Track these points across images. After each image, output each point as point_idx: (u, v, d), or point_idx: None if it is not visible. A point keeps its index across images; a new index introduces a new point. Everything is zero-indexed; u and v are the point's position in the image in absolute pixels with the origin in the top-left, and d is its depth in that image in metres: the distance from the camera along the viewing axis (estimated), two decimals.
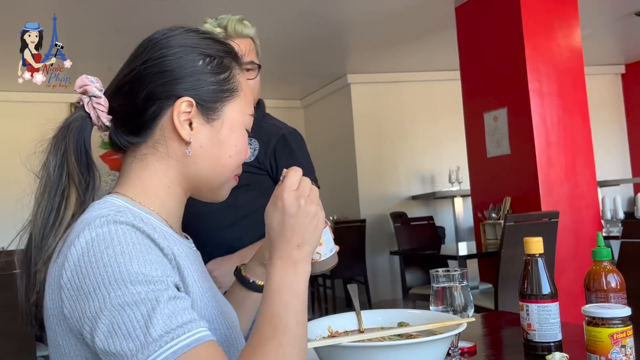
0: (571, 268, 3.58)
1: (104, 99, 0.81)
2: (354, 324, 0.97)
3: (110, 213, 0.70)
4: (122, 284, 0.64)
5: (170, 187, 0.82)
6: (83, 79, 0.81)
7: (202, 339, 0.64)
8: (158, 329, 0.62)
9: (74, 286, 0.66)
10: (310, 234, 0.75)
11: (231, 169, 0.84)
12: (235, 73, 0.84)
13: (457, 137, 5.35)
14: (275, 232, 0.75)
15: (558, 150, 3.77)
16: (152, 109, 0.79)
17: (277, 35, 4.70)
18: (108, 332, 0.63)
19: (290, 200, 0.75)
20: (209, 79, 0.81)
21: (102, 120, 0.81)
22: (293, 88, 6.82)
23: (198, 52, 0.81)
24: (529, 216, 3.29)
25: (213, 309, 0.77)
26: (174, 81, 0.79)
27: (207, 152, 0.81)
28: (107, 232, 0.67)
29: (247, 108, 0.85)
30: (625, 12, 4.94)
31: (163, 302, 0.64)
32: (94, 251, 0.66)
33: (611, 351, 0.90)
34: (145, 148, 0.81)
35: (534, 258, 1.09)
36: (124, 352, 0.62)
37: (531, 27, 3.78)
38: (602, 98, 6.72)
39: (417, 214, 5.86)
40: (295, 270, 0.73)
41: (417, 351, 0.80)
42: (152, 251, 0.69)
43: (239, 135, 0.83)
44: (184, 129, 0.79)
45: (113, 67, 0.85)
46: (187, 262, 0.77)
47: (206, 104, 0.80)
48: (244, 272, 0.99)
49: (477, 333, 1.30)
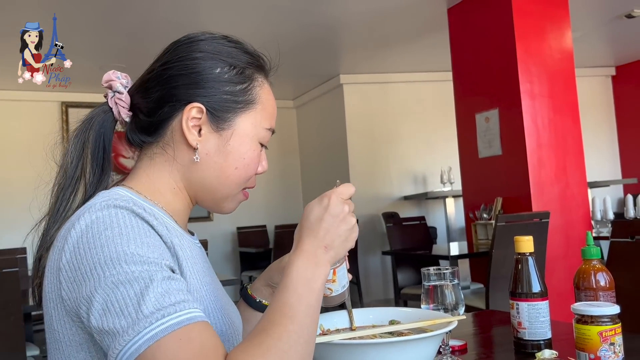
0: (561, 268, 3.61)
1: (126, 95, 0.83)
2: (346, 322, 0.97)
3: (110, 199, 0.71)
4: (117, 263, 0.64)
5: (175, 189, 0.83)
6: (110, 74, 0.84)
7: (194, 318, 0.64)
8: (150, 306, 0.62)
9: (72, 267, 0.67)
10: (340, 242, 0.75)
11: (237, 181, 0.83)
12: (256, 85, 0.84)
13: (449, 138, 5.37)
14: (310, 224, 0.75)
15: (549, 151, 3.80)
16: (164, 110, 0.80)
17: (270, 35, 4.70)
18: (102, 310, 0.63)
19: (337, 202, 0.75)
20: (224, 88, 0.81)
21: (122, 116, 0.84)
22: (285, 88, 6.81)
23: (218, 60, 0.81)
24: (520, 216, 3.31)
25: (211, 303, 0.77)
26: (188, 86, 0.80)
27: (213, 161, 0.81)
28: (106, 215, 0.68)
29: (263, 122, 0.84)
30: (615, 15, 4.98)
31: (157, 281, 0.64)
32: (92, 233, 0.67)
33: (600, 349, 0.91)
34: (156, 148, 0.83)
35: (524, 257, 1.10)
36: (116, 329, 0.62)
37: (523, 28, 3.80)
38: (592, 100, 6.78)
39: (409, 214, 5.88)
40: (316, 269, 0.72)
41: (408, 349, 0.80)
42: (151, 235, 0.70)
43: (249, 148, 0.82)
44: (191, 135, 0.79)
45: (104, 66, 0.85)
46: (187, 255, 0.77)
47: (217, 112, 0.80)
48: (250, 290, 0.99)
49: (468, 332, 1.31)
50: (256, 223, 6.77)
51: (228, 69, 0.81)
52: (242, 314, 0.97)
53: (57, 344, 0.71)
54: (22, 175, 5.55)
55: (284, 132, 7.26)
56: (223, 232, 6.76)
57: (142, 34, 4.52)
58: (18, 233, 4.64)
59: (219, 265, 6.65)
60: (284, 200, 7.18)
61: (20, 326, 2.40)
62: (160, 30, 4.35)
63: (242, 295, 0.99)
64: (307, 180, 7.27)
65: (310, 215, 0.75)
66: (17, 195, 5.53)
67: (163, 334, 0.61)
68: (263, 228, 6.77)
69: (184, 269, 0.74)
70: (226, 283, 3.01)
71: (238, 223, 6.68)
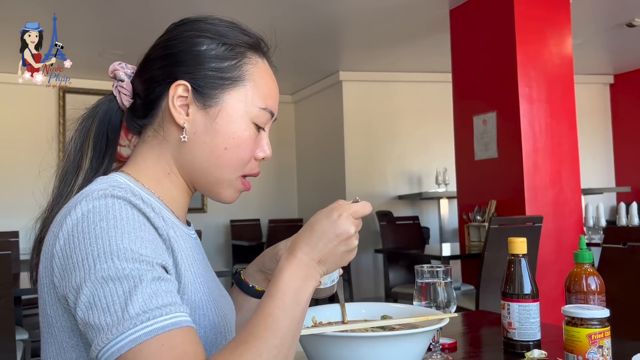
0: (553, 272, 3.63)
1: (127, 82, 0.84)
2: (338, 316, 0.98)
3: (109, 187, 0.71)
4: (109, 257, 0.64)
5: (170, 174, 0.82)
6: (115, 65, 0.85)
7: (179, 323, 0.63)
8: (136, 307, 0.62)
9: (64, 255, 0.67)
10: (334, 260, 0.73)
11: (228, 164, 0.80)
12: (247, 62, 0.81)
13: (445, 139, 5.38)
14: (311, 233, 0.72)
15: (544, 156, 3.82)
16: (154, 91, 0.81)
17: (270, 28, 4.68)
18: (88, 304, 0.63)
19: (346, 222, 0.72)
20: (210, 65, 0.79)
21: (125, 103, 0.84)
22: (284, 83, 6.80)
23: (206, 37, 0.80)
24: (513, 220, 3.33)
25: (204, 295, 0.77)
26: (175, 64, 0.79)
27: (201, 141, 0.79)
28: (103, 205, 0.68)
29: (255, 100, 0.80)
30: (616, 23, 5.00)
31: (146, 282, 0.64)
32: (87, 222, 0.67)
33: (588, 351, 0.92)
34: (150, 131, 0.83)
35: (517, 258, 1.11)
36: (101, 325, 0.62)
37: (524, 33, 3.81)
38: (590, 107, 6.80)
39: (403, 213, 5.89)
40: (305, 281, 0.70)
41: (398, 343, 0.81)
42: (146, 229, 0.69)
43: (239, 127, 0.79)
44: (178, 114, 0.79)
45: (103, 53, 0.86)
46: (183, 247, 0.77)
47: (202, 89, 0.79)
48: (243, 276, 0.99)
49: (458, 330, 1.32)
50: (250, 216, 6.77)
51: (216, 45, 0.80)
52: (235, 300, 0.97)
53: (50, 329, 0.71)
54: (18, 160, 5.54)
55: (281, 126, 7.26)
56: (216, 224, 6.76)
57: (141, 22, 4.50)
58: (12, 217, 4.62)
59: (212, 257, 6.61)
60: (279, 195, 7.18)
61: (10, 309, 2.39)
62: (160, 19, 4.33)
63: (236, 281, 0.99)
64: (303, 175, 7.27)
65: (316, 225, 0.73)
66: (11, 179, 5.52)
67: (146, 337, 0.61)
68: (257, 222, 6.77)
69: (179, 261, 0.74)
70: (218, 274, 2.99)
71: (232, 216, 6.68)
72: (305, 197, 7.20)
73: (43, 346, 0.73)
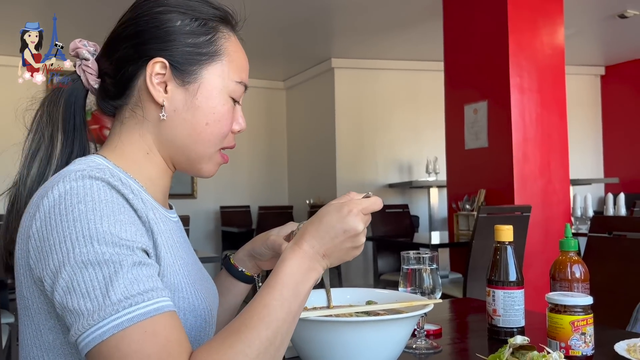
0: (539, 262, 3.66)
1: (92, 61, 0.81)
2: (323, 301, 0.97)
3: (87, 168, 0.69)
4: (88, 241, 0.63)
5: (149, 153, 0.80)
6: (76, 42, 0.82)
7: (161, 309, 0.62)
8: (118, 293, 0.61)
9: (41, 237, 0.65)
10: (339, 255, 0.73)
11: (209, 139, 0.80)
12: (221, 37, 0.81)
13: (436, 128, 5.38)
14: (319, 226, 0.72)
15: (534, 146, 3.83)
16: (127, 70, 0.78)
17: (263, 14, 4.65)
18: (67, 288, 0.62)
19: (355, 218, 0.72)
20: (186, 40, 0.78)
21: (91, 83, 0.82)
22: (276, 69, 6.76)
23: (178, 12, 0.78)
24: (502, 209, 3.34)
25: (183, 278, 0.76)
26: (149, 41, 0.77)
27: (182, 118, 0.78)
28: (81, 186, 0.66)
29: (232, 74, 0.81)
30: (609, 14, 5.00)
31: (127, 267, 0.63)
32: (65, 204, 0.65)
33: (571, 338, 0.93)
34: (126, 111, 0.81)
35: (503, 245, 1.12)
36: (81, 310, 0.61)
37: (516, 22, 3.81)
38: (580, 98, 6.83)
39: (393, 201, 5.91)
40: (308, 273, 0.70)
41: (383, 328, 0.81)
42: (125, 211, 0.68)
43: (218, 102, 0.79)
44: (156, 91, 0.77)
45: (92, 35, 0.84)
46: (162, 229, 0.76)
47: (181, 66, 0.77)
48: (232, 260, 0.98)
49: (444, 317, 1.33)
50: (240, 203, 6.76)
51: (189, 20, 0.78)
52: (223, 284, 0.97)
53: (27, 311, 0.70)
54: None
55: (272, 113, 7.23)
56: (206, 210, 6.74)
57: None
58: None
59: (201, 243, 6.64)
60: (269, 182, 7.17)
61: None
62: None
63: (225, 264, 0.98)
64: (293, 162, 7.26)
65: (325, 217, 0.72)
66: None
67: (129, 323, 0.60)
68: (247, 208, 6.76)
69: (158, 243, 0.73)
70: (207, 260, 3.00)
71: (222, 202, 6.67)
72: (295, 184, 7.20)
73: (20, 328, 0.72)
